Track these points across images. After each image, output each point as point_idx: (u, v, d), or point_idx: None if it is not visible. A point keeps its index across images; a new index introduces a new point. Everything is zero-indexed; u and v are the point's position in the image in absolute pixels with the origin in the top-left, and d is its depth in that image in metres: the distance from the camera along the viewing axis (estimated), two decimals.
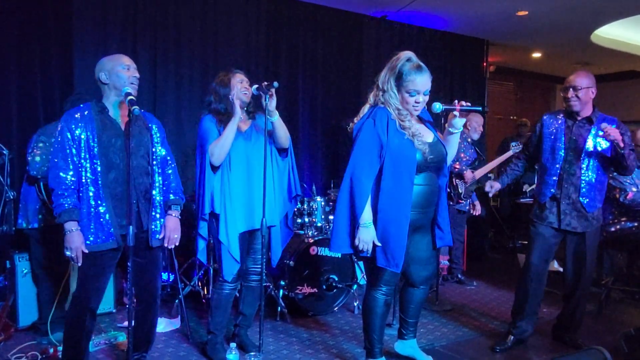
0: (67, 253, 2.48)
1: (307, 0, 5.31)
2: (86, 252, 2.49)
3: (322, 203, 4.27)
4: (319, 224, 4.22)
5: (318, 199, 4.26)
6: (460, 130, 2.80)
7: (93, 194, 2.52)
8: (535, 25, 6.01)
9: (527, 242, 3.39)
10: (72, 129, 2.51)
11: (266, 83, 2.91)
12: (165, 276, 4.33)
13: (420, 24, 6.03)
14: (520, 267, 4.11)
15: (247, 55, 5.00)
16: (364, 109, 2.78)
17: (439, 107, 2.69)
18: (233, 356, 2.78)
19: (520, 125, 6.92)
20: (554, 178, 3.25)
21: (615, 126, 3.16)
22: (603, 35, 6.60)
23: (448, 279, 5.07)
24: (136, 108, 2.37)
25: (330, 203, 4.34)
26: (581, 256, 3.26)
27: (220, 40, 4.87)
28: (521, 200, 6.13)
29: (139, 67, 4.29)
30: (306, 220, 4.20)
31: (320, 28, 5.44)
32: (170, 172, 2.78)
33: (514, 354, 3.33)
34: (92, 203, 2.52)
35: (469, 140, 4.80)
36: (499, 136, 7.05)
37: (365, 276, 4.28)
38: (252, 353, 2.86)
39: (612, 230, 4.17)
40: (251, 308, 3.25)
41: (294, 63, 5.32)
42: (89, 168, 2.51)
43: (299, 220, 4.22)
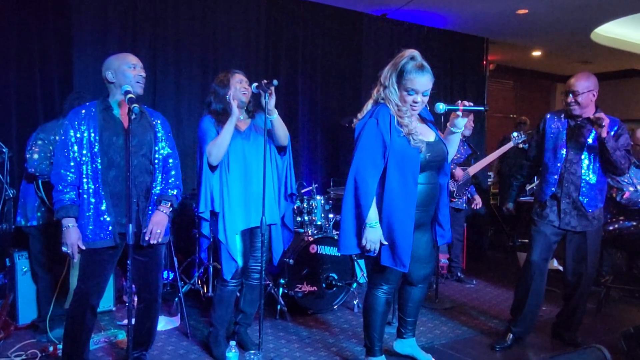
0: (64, 248, 2.51)
1: None
2: (83, 249, 2.51)
3: (322, 201, 4.27)
4: (319, 222, 4.22)
5: (318, 198, 4.26)
6: (461, 129, 2.81)
7: (93, 191, 2.54)
8: (535, 23, 6.01)
9: (528, 241, 3.39)
10: (76, 126, 2.53)
11: (266, 81, 2.91)
12: (165, 274, 4.33)
13: (420, 22, 6.03)
14: (520, 266, 4.12)
15: (247, 53, 4.99)
16: (367, 106, 2.77)
17: (443, 108, 2.70)
18: (233, 354, 2.78)
19: (519, 123, 6.91)
20: (555, 177, 3.25)
21: (616, 127, 3.16)
22: (603, 33, 6.60)
23: (448, 278, 5.07)
24: (136, 106, 2.37)
25: (330, 201, 4.34)
26: (582, 255, 3.26)
27: (219, 38, 4.86)
28: (521, 199, 6.12)
29: None
30: (306, 218, 4.20)
31: (320, 26, 5.43)
32: (171, 169, 2.78)
33: (514, 352, 3.33)
34: (92, 200, 2.53)
35: (462, 137, 4.79)
36: (499, 134, 7.04)
37: (365, 274, 4.29)
38: (252, 351, 2.86)
39: (611, 229, 4.17)
40: (252, 306, 3.26)
41: (294, 61, 5.32)
42: (90, 165, 2.53)
43: (299, 218, 4.22)
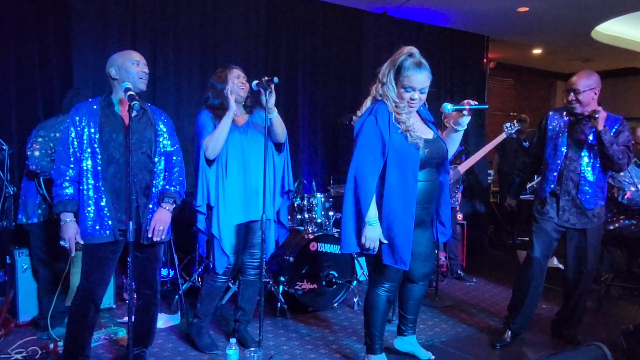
0: (62, 243, 2.52)
1: None
2: (81, 243, 2.52)
3: (322, 199, 4.27)
4: (319, 220, 4.22)
5: (318, 195, 4.26)
6: (465, 128, 2.81)
7: (93, 187, 2.54)
8: (535, 21, 6.00)
9: (529, 238, 3.40)
10: (76, 122, 2.55)
11: (266, 79, 2.92)
12: (165, 272, 4.34)
13: (420, 20, 6.01)
14: (520, 264, 4.11)
15: (247, 51, 4.98)
16: (366, 103, 2.77)
17: (450, 108, 2.70)
18: (233, 352, 2.78)
19: (519, 121, 6.90)
20: (554, 174, 3.26)
21: (618, 125, 3.16)
22: (604, 31, 6.59)
23: (447, 275, 5.07)
24: (136, 103, 2.37)
25: (330, 199, 4.34)
26: (582, 253, 3.27)
27: (219, 36, 4.85)
28: (521, 197, 6.12)
29: None
30: (306, 216, 4.20)
31: (320, 24, 5.42)
32: (174, 167, 2.78)
33: (513, 350, 3.34)
34: (92, 196, 2.54)
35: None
36: (499, 132, 7.04)
37: (365, 272, 4.30)
38: (252, 348, 2.87)
39: (611, 228, 4.18)
40: (250, 303, 3.27)
41: (294, 59, 5.31)
42: (90, 161, 2.55)
43: (299, 216, 4.22)
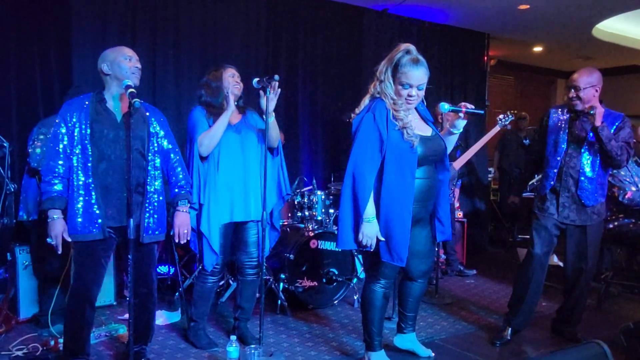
0: (49, 240, 2.51)
1: None
2: (68, 240, 2.51)
3: (323, 196, 4.27)
4: (319, 218, 4.22)
5: (318, 193, 4.26)
6: (461, 131, 2.83)
7: (83, 184, 2.52)
8: (536, 19, 5.98)
9: (530, 234, 3.40)
10: (67, 119, 2.53)
11: (267, 76, 2.93)
12: (165, 269, 4.34)
13: (421, 17, 6.00)
14: (520, 262, 4.12)
15: (247, 48, 4.98)
16: (365, 100, 2.79)
17: (447, 108, 2.74)
18: (233, 349, 2.79)
19: (519, 118, 6.90)
20: (555, 170, 3.27)
21: (619, 122, 3.16)
22: (604, 29, 6.58)
23: (447, 272, 5.08)
24: (137, 101, 2.37)
25: (330, 196, 4.34)
26: (582, 250, 3.27)
27: (219, 34, 4.84)
28: (522, 194, 6.12)
29: (139, 60, 4.34)
30: (306, 213, 4.20)
31: (320, 21, 5.41)
32: (176, 166, 2.78)
33: (513, 348, 3.34)
34: (82, 192, 2.52)
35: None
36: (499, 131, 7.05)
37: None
38: (253, 345, 2.87)
39: (611, 227, 4.18)
40: (249, 301, 3.29)
41: (294, 57, 5.30)
42: (80, 157, 2.53)
43: (299, 213, 4.22)
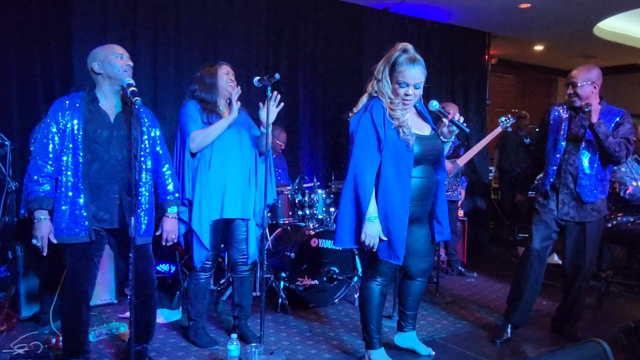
0: (34, 241, 2.45)
1: None
2: (54, 242, 2.46)
3: (323, 195, 4.27)
4: (320, 216, 4.22)
5: (319, 191, 4.26)
6: (450, 140, 2.85)
7: (72, 184, 2.48)
8: (537, 17, 5.98)
9: (529, 230, 3.41)
10: (58, 118, 2.48)
11: (268, 75, 2.95)
12: (166, 267, 4.35)
13: (422, 16, 6.00)
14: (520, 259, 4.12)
15: (248, 47, 4.98)
16: (362, 100, 2.80)
17: (435, 106, 2.76)
18: (234, 347, 2.79)
19: (519, 117, 6.91)
20: (554, 168, 3.28)
21: (619, 118, 3.17)
22: (606, 28, 6.57)
23: (448, 272, 5.08)
24: (138, 99, 2.36)
25: (331, 195, 4.35)
26: (581, 247, 3.27)
27: (220, 33, 4.84)
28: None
29: (139, 58, 4.37)
30: (307, 212, 4.20)
31: (321, 20, 5.41)
32: (165, 171, 2.76)
33: (513, 346, 3.35)
34: (70, 194, 2.48)
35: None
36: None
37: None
38: (253, 344, 2.88)
39: (609, 226, 4.18)
40: (246, 298, 3.30)
41: (295, 55, 5.30)
42: (71, 158, 2.48)
43: (300, 212, 4.23)
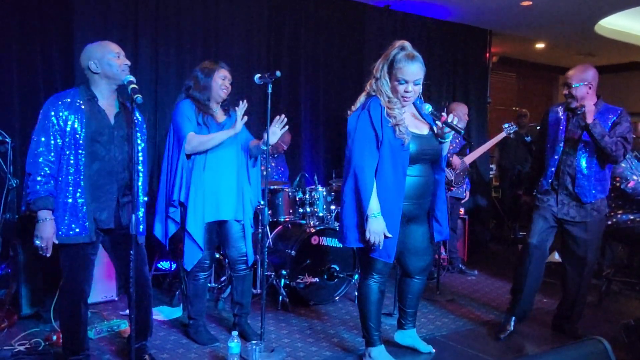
0: (37, 242, 2.41)
1: None
2: (56, 243, 2.44)
3: (324, 193, 4.27)
4: (321, 214, 4.22)
5: (320, 189, 4.26)
6: (447, 140, 2.85)
7: (73, 184, 2.46)
8: (539, 15, 5.97)
9: (528, 225, 3.42)
10: (59, 115, 2.45)
11: (269, 73, 2.95)
12: (166, 265, 4.36)
13: (423, 14, 5.99)
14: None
15: (249, 45, 4.97)
16: (360, 99, 2.81)
17: (428, 108, 2.78)
18: (235, 344, 2.79)
19: (520, 115, 6.90)
20: (552, 169, 3.29)
21: (616, 117, 3.17)
22: (607, 26, 6.56)
23: (449, 269, 5.08)
24: (139, 96, 2.35)
25: (332, 193, 4.35)
26: (582, 246, 3.27)
27: (221, 32, 4.82)
28: (520, 192, 6.12)
29: (140, 58, 4.36)
30: (308, 210, 4.20)
31: (322, 18, 5.40)
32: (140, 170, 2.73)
33: (514, 344, 3.35)
34: (71, 194, 2.45)
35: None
36: (500, 126, 7.05)
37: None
38: (254, 341, 2.88)
39: (609, 223, 4.17)
40: (245, 296, 3.31)
41: (296, 53, 5.29)
42: (73, 157, 2.45)
43: (301, 210, 4.23)
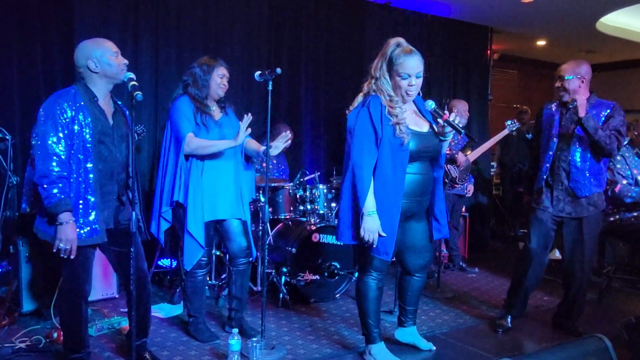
0: (62, 245, 2.37)
1: None
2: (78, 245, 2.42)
3: (325, 190, 4.27)
4: (321, 211, 4.23)
5: (320, 187, 4.26)
6: (448, 138, 2.85)
7: (83, 187, 2.43)
8: (540, 12, 5.95)
9: (526, 228, 3.43)
10: (64, 115, 2.38)
11: (269, 70, 2.94)
12: (167, 262, 4.36)
13: (424, 11, 5.98)
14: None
15: (249, 43, 4.96)
16: (358, 99, 2.81)
17: (431, 105, 2.76)
18: (235, 342, 2.79)
19: (520, 112, 6.90)
20: (547, 165, 3.30)
21: (609, 110, 3.18)
22: (609, 23, 6.54)
23: (449, 267, 5.08)
24: (139, 93, 2.34)
25: (332, 190, 4.35)
26: (579, 242, 3.28)
27: (222, 30, 4.81)
28: (520, 189, 6.11)
29: (141, 56, 4.36)
30: (308, 207, 4.20)
31: (322, 15, 5.39)
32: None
33: (514, 342, 3.35)
34: (81, 197, 2.43)
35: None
36: (501, 123, 7.04)
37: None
38: (254, 339, 2.89)
39: (611, 220, 4.18)
40: (243, 291, 3.34)
41: (296, 50, 5.28)
42: (82, 159, 2.43)
43: (302, 207, 4.23)
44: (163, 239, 3.20)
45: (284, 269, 3.87)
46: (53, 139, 2.38)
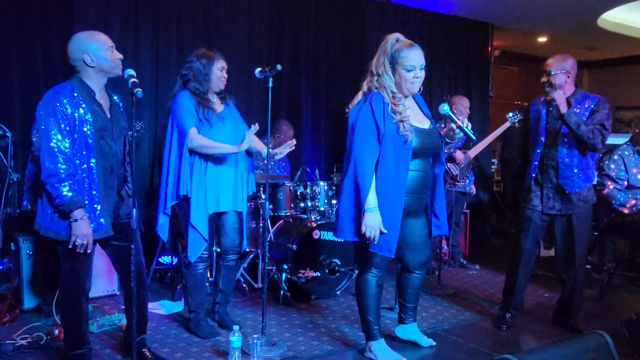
0: (78, 241, 2.37)
1: None
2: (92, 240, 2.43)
3: (325, 187, 4.27)
4: (322, 208, 4.22)
5: (321, 184, 4.26)
6: (452, 142, 2.90)
7: (88, 183, 2.43)
8: (541, 9, 5.93)
9: (517, 226, 3.45)
10: (65, 111, 2.36)
11: (269, 67, 2.94)
12: (168, 259, 4.36)
13: (424, 7, 5.96)
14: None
15: (250, 41, 4.95)
16: (358, 97, 2.80)
17: (446, 110, 2.75)
18: (236, 338, 2.79)
19: (521, 109, 6.89)
20: (535, 163, 3.31)
21: (594, 105, 3.18)
22: (610, 19, 6.52)
23: (450, 264, 5.08)
24: (139, 90, 2.33)
25: (333, 187, 4.35)
26: (570, 238, 3.29)
27: (222, 28, 4.80)
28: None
29: (141, 53, 4.35)
30: (309, 204, 4.20)
31: (322, 12, 5.37)
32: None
33: (515, 338, 3.35)
34: (86, 192, 2.43)
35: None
36: (503, 121, 7.03)
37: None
38: (255, 335, 2.89)
39: (612, 216, 4.16)
40: (230, 285, 3.37)
41: (297, 48, 5.27)
42: (85, 155, 2.42)
43: (302, 204, 4.23)
44: (165, 234, 3.18)
45: (285, 266, 3.87)
46: (57, 137, 2.35)
